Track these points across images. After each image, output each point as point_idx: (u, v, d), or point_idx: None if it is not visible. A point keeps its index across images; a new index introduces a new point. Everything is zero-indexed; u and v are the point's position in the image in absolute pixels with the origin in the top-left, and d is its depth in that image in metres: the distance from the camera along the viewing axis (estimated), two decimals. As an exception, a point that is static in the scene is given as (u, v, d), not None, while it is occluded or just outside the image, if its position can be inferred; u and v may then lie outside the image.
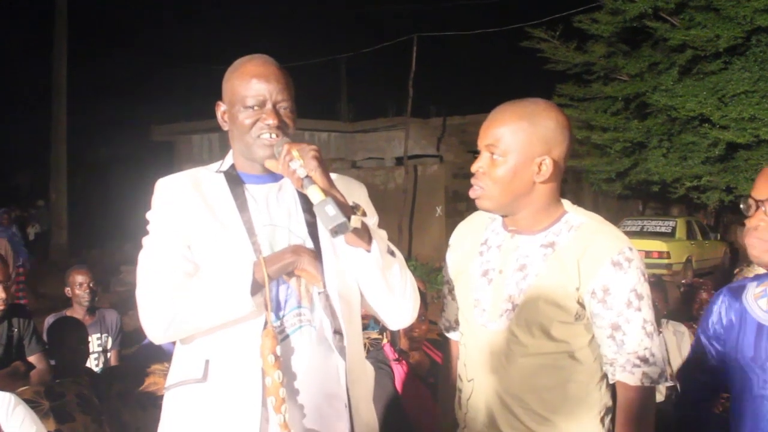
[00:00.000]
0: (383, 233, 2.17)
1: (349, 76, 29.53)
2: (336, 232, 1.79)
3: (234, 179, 2.11)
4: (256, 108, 2.03)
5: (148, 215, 2.11)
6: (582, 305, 2.09)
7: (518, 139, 2.10)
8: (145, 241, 2.08)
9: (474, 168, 2.18)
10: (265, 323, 1.96)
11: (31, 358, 3.52)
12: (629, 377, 2.07)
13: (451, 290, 2.44)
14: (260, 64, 2.08)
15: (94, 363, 5.11)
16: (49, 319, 5.15)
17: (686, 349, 4.92)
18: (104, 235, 21.48)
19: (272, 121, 2.01)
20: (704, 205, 16.85)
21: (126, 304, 9.71)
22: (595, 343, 2.14)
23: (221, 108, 2.14)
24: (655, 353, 2.08)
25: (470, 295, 2.25)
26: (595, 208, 2.53)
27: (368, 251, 1.94)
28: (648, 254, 14.32)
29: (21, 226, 24.80)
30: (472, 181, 2.19)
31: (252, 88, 2.03)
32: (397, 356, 3.80)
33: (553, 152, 2.12)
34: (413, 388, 3.82)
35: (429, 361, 3.92)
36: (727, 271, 17.15)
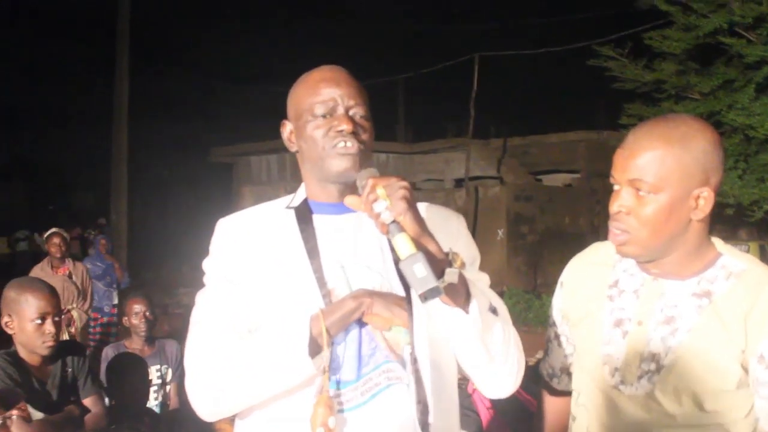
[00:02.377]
0: (484, 279, 1.83)
1: (408, 96, 29.42)
2: (426, 297, 1.43)
3: (305, 218, 1.78)
4: (326, 116, 1.72)
5: (204, 264, 1.81)
6: (746, 371, 1.71)
7: (672, 170, 1.71)
8: (198, 296, 1.79)
9: (615, 208, 1.79)
10: (321, 389, 1.63)
11: (86, 401, 3.24)
12: None
13: (558, 335, 2.09)
14: (327, 69, 1.79)
15: (153, 396, 4.87)
16: (108, 351, 4.93)
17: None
18: (163, 256, 21.54)
19: (346, 126, 1.69)
20: (776, 228, 16.15)
21: (184, 326, 9.50)
22: (753, 416, 1.75)
23: (287, 128, 1.83)
24: None
25: (598, 349, 1.88)
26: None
27: (466, 312, 1.58)
28: (719, 280, 13.59)
29: (82, 247, 25.14)
30: (612, 223, 1.80)
31: (320, 93, 1.73)
32: (490, 404, 3.41)
33: (711, 181, 1.74)
34: (499, 435, 3.48)
35: (518, 405, 3.55)
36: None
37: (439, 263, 1.50)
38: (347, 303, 1.65)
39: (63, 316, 7.01)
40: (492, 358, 1.67)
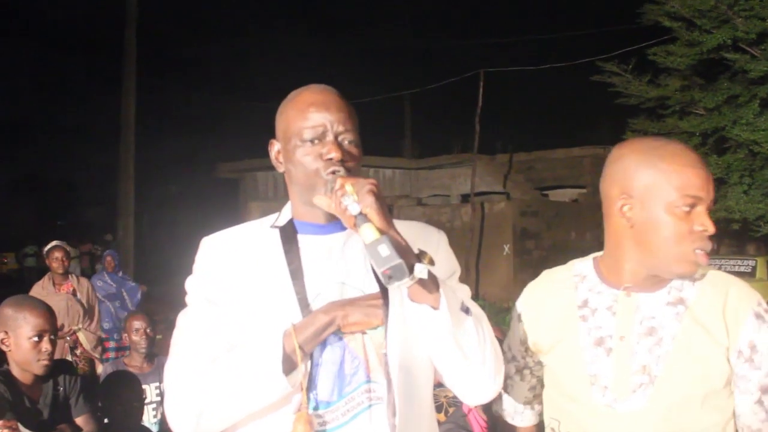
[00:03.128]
0: (464, 289, 1.81)
1: (414, 112, 29.48)
2: (390, 277, 1.44)
3: (290, 238, 1.77)
4: (315, 142, 1.70)
5: (187, 284, 1.81)
6: (731, 367, 1.77)
7: None
8: (179, 318, 1.78)
9: (710, 229, 1.80)
10: (300, 405, 1.63)
11: (79, 420, 3.24)
12: None
13: (521, 369, 2.07)
14: (318, 91, 1.77)
15: (152, 414, 4.86)
16: (107, 368, 4.93)
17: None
18: (170, 271, 21.51)
19: (335, 154, 1.67)
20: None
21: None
22: (733, 413, 1.80)
23: (275, 147, 1.82)
24: None
25: (582, 370, 1.86)
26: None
27: (435, 308, 1.58)
28: (727, 295, 13.51)
29: (91, 262, 25.17)
30: (701, 245, 1.79)
31: (309, 118, 1.71)
32: (485, 424, 3.37)
33: None
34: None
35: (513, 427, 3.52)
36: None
37: (407, 259, 1.50)
38: (319, 318, 1.63)
39: (69, 338, 6.58)
40: (466, 356, 1.65)
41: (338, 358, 1.68)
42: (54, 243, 7.20)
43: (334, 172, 1.68)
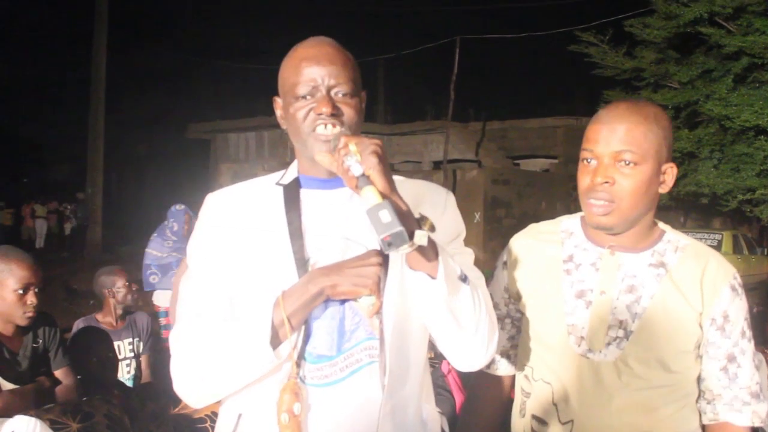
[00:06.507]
0: (468, 253, 1.82)
1: (388, 77, 29.34)
2: (390, 244, 1.41)
3: (292, 197, 1.75)
4: (308, 97, 1.68)
5: (189, 247, 1.78)
6: (702, 331, 1.87)
7: (651, 144, 1.81)
8: (181, 283, 1.76)
9: (599, 179, 1.83)
10: (289, 375, 1.63)
11: (57, 373, 3.21)
12: (737, 417, 1.86)
13: (502, 318, 2.08)
14: (311, 45, 1.73)
15: (125, 369, 4.84)
16: (78, 324, 4.87)
17: (765, 380, 4.57)
18: (139, 231, 21.34)
19: (325, 109, 1.65)
20: (750, 218, 16.34)
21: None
22: (698, 378, 1.90)
23: (279, 104, 1.79)
24: (764, 389, 1.90)
25: (561, 320, 1.92)
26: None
27: (433, 277, 1.55)
28: (692, 268, 13.66)
29: (59, 221, 24.88)
30: (594, 194, 1.84)
31: (302, 73, 1.68)
32: (461, 382, 3.39)
33: (670, 158, 1.88)
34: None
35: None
36: (774, 287, 16.62)
37: (407, 224, 1.46)
38: (308, 289, 1.61)
39: None
40: (460, 326, 1.63)
41: (339, 314, 1.67)
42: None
43: (325, 127, 1.65)
